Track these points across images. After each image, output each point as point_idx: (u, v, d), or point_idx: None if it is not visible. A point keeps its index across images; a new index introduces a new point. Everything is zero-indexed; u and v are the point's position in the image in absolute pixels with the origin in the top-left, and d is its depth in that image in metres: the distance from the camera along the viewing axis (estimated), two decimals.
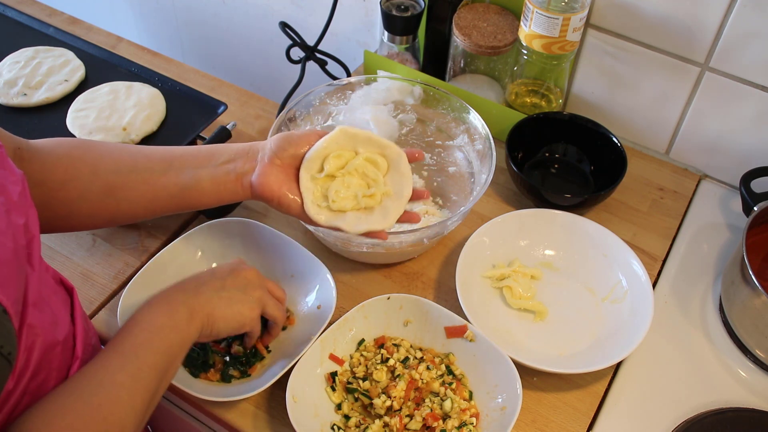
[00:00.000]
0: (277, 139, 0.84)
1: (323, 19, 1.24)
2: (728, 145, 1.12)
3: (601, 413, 0.89)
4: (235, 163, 0.83)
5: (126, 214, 0.84)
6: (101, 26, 1.42)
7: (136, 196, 0.81)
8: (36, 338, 0.62)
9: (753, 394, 0.91)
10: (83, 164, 0.80)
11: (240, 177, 0.82)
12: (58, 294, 0.72)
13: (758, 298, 0.87)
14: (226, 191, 0.83)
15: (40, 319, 0.63)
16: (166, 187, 0.82)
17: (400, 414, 0.84)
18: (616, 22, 1.09)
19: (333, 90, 1.12)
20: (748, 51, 1.01)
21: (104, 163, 0.81)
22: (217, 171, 0.82)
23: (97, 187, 0.80)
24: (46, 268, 0.72)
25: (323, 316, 0.90)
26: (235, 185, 0.82)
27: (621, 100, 1.17)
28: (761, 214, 0.96)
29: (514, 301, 0.97)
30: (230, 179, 0.82)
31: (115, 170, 0.81)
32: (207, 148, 0.85)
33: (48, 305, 0.67)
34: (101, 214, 0.82)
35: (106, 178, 0.80)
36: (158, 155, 0.83)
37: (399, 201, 0.85)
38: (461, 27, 1.15)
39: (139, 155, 0.83)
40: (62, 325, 0.69)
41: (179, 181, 0.82)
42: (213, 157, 0.83)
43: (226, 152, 0.83)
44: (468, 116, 1.09)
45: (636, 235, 1.07)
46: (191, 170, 0.82)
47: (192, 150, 0.84)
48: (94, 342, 0.78)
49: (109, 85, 1.21)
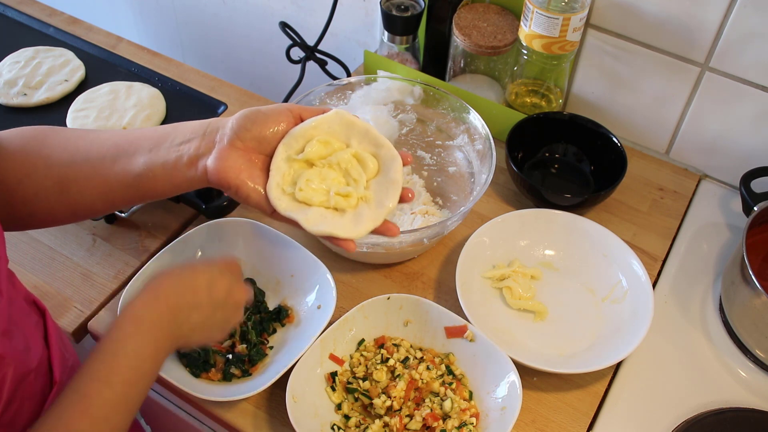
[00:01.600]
0: (240, 118, 0.70)
1: (323, 19, 1.24)
2: (728, 145, 1.12)
3: (601, 413, 0.89)
4: (189, 144, 0.70)
5: (85, 209, 0.75)
6: (101, 26, 1.42)
7: (90, 188, 0.72)
8: (7, 369, 0.58)
9: (753, 394, 0.91)
10: (38, 157, 0.72)
11: (194, 160, 0.70)
12: (30, 317, 0.68)
13: (758, 298, 0.87)
14: (180, 177, 0.71)
15: (11, 347, 0.59)
16: (118, 176, 0.71)
17: (400, 414, 0.84)
18: (616, 22, 1.09)
19: (333, 90, 1.12)
20: (748, 51, 1.01)
21: (58, 154, 0.73)
22: (170, 154, 0.70)
23: (51, 181, 0.72)
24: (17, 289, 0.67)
25: (323, 316, 0.90)
26: (188, 169, 0.70)
27: (621, 100, 1.17)
28: (761, 214, 0.96)
29: (514, 302, 0.97)
30: (183, 163, 0.70)
31: (69, 161, 0.72)
32: (165, 127, 0.73)
33: (20, 331, 0.62)
34: (60, 209, 0.74)
35: (59, 171, 0.72)
36: (111, 141, 0.73)
37: (378, 210, 0.71)
38: (461, 27, 1.15)
39: (94, 143, 0.73)
40: (35, 351, 0.65)
41: (131, 168, 0.71)
42: (168, 137, 0.72)
43: (182, 132, 0.72)
44: (468, 116, 1.09)
45: (636, 235, 1.07)
46: (144, 155, 0.71)
47: (149, 131, 0.73)
48: (72, 362, 0.74)
49: (109, 85, 1.21)
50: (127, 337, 0.64)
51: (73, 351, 0.77)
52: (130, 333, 0.64)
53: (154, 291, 0.68)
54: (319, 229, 0.70)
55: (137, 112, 1.16)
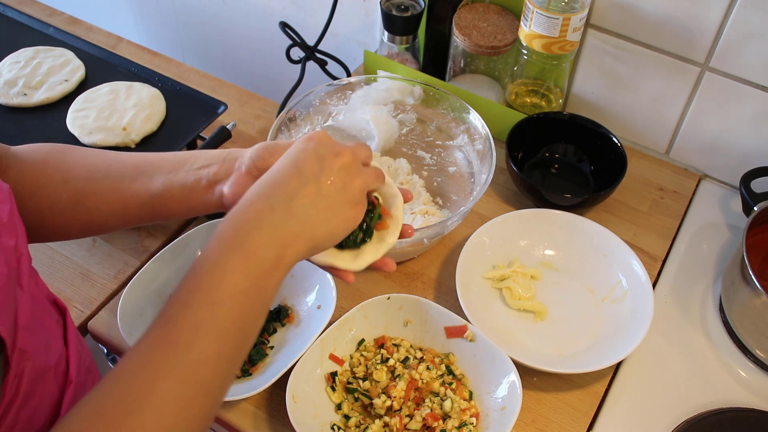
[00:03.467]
0: (258, 149, 0.72)
1: (323, 19, 1.24)
2: (728, 145, 1.12)
3: (601, 413, 0.89)
4: (209, 169, 0.72)
5: (97, 224, 0.76)
6: (101, 26, 1.42)
7: (105, 204, 0.74)
8: (26, 363, 0.57)
9: (753, 394, 0.91)
10: (56, 171, 0.74)
11: (212, 184, 0.72)
12: (51, 314, 0.68)
13: (758, 298, 0.87)
14: (197, 199, 0.72)
15: (32, 343, 0.59)
16: (136, 194, 0.73)
17: (400, 414, 0.84)
18: (616, 22, 1.09)
19: (333, 90, 1.12)
20: (748, 51, 1.01)
21: (77, 169, 0.74)
22: (189, 176, 0.72)
23: (67, 195, 0.73)
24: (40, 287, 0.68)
25: (323, 316, 0.90)
26: (206, 193, 0.72)
27: (621, 100, 1.17)
28: (761, 214, 0.96)
29: (514, 302, 0.97)
30: (201, 186, 0.72)
31: (87, 177, 0.74)
32: (185, 153, 0.75)
33: (41, 327, 0.62)
34: (73, 224, 0.75)
35: (76, 185, 0.73)
36: (132, 161, 0.75)
37: (378, 245, 0.73)
38: (461, 27, 1.15)
39: (114, 161, 0.75)
40: (54, 348, 0.65)
41: (150, 187, 0.73)
42: (188, 161, 0.74)
43: (202, 157, 0.74)
44: (468, 116, 1.09)
45: (636, 235, 1.07)
46: (163, 176, 0.73)
47: (169, 155, 0.76)
48: (88, 363, 0.74)
49: (109, 85, 1.21)
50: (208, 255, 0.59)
51: (89, 352, 0.77)
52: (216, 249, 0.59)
53: (244, 199, 0.63)
54: (321, 259, 0.71)
55: (137, 112, 1.16)
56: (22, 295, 0.59)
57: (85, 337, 0.98)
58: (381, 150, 1.12)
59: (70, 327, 0.71)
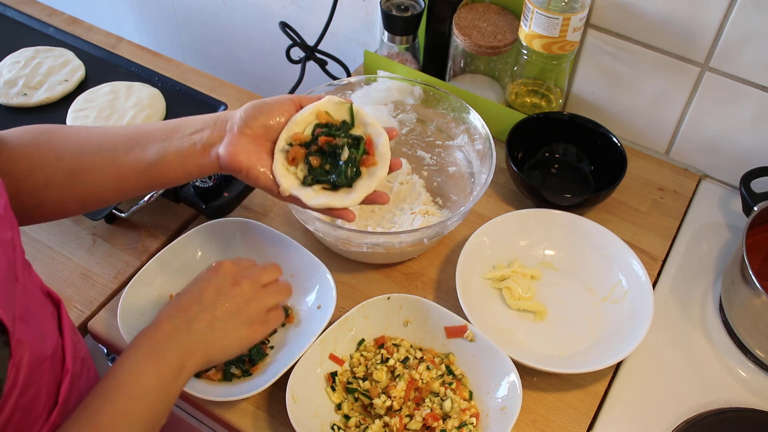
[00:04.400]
0: (247, 108, 0.79)
1: (323, 19, 1.24)
2: (728, 145, 1.12)
3: (601, 413, 0.89)
4: (201, 133, 0.77)
5: (95, 198, 0.79)
6: (101, 26, 1.42)
7: (103, 177, 0.77)
8: (24, 353, 0.60)
9: (753, 394, 0.91)
10: (48, 150, 0.76)
11: (207, 148, 0.77)
12: (45, 306, 0.70)
13: (758, 298, 0.87)
14: (193, 164, 0.77)
15: (27, 333, 0.61)
16: (132, 164, 0.77)
17: (400, 414, 0.84)
18: (616, 22, 1.09)
19: (333, 90, 1.12)
20: (748, 51, 1.01)
21: (69, 146, 0.77)
22: (183, 142, 0.77)
23: (63, 172, 0.76)
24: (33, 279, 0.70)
25: (323, 316, 0.90)
26: (202, 157, 0.77)
27: (621, 100, 1.17)
28: (761, 214, 0.96)
29: (514, 302, 0.97)
30: (196, 150, 0.77)
31: (80, 152, 0.77)
32: (175, 121, 0.79)
33: (35, 318, 0.64)
34: (70, 199, 0.78)
35: (71, 161, 0.76)
36: (123, 133, 0.78)
37: (368, 180, 0.79)
38: (461, 27, 1.15)
39: (104, 135, 0.78)
40: (50, 339, 0.67)
41: (145, 157, 0.77)
42: (179, 128, 0.78)
43: (193, 123, 0.78)
44: (468, 116, 1.09)
45: (636, 235, 1.07)
46: (157, 144, 0.77)
47: (159, 124, 0.79)
48: (83, 354, 0.76)
49: (109, 85, 1.21)
50: (126, 361, 0.70)
51: (84, 344, 0.79)
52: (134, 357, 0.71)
53: (156, 318, 0.76)
54: (317, 201, 0.78)
55: (137, 112, 1.16)
56: (17, 286, 0.61)
57: (85, 337, 0.98)
58: None
59: (65, 318, 0.72)
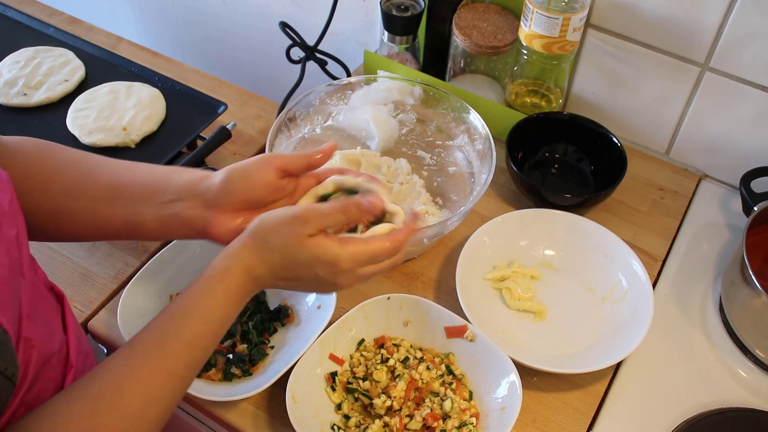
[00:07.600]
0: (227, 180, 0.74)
1: (323, 19, 1.24)
2: (728, 145, 1.12)
3: (601, 413, 0.89)
4: (181, 204, 0.74)
5: (77, 237, 0.80)
6: (101, 26, 1.42)
7: (83, 224, 0.76)
8: (32, 351, 0.60)
9: (753, 394, 0.91)
10: (35, 182, 0.74)
11: (188, 222, 0.74)
12: (50, 302, 0.70)
13: (758, 298, 0.87)
14: (177, 234, 0.77)
15: (35, 331, 0.61)
16: (112, 219, 0.75)
17: (400, 414, 0.84)
18: (616, 22, 1.09)
19: (333, 90, 1.12)
20: (748, 51, 1.01)
21: (55, 182, 0.75)
22: (162, 211, 0.74)
23: (47, 207, 0.75)
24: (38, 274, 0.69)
25: (323, 316, 0.90)
26: (185, 230, 0.75)
27: (621, 100, 1.17)
28: (761, 214, 0.96)
29: (514, 302, 0.97)
30: (178, 223, 0.75)
31: (64, 193, 0.75)
32: (156, 178, 0.76)
33: (41, 315, 0.65)
34: (52, 230, 0.76)
35: (54, 200, 0.75)
36: (105, 181, 0.76)
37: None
38: (461, 27, 1.15)
39: (89, 177, 0.76)
40: (56, 335, 0.67)
41: (124, 215, 0.75)
42: (158, 192, 0.75)
43: (172, 188, 0.75)
44: (468, 116, 1.09)
45: (636, 235, 1.07)
46: (136, 205, 0.75)
47: (140, 180, 0.76)
48: (86, 349, 0.76)
49: (109, 85, 1.21)
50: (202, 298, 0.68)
51: (86, 338, 0.79)
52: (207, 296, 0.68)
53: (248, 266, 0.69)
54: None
55: (137, 112, 1.16)
56: (24, 284, 0.61)
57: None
58: (381, 150, 1.12)
59: (68, 313, 0.72)
